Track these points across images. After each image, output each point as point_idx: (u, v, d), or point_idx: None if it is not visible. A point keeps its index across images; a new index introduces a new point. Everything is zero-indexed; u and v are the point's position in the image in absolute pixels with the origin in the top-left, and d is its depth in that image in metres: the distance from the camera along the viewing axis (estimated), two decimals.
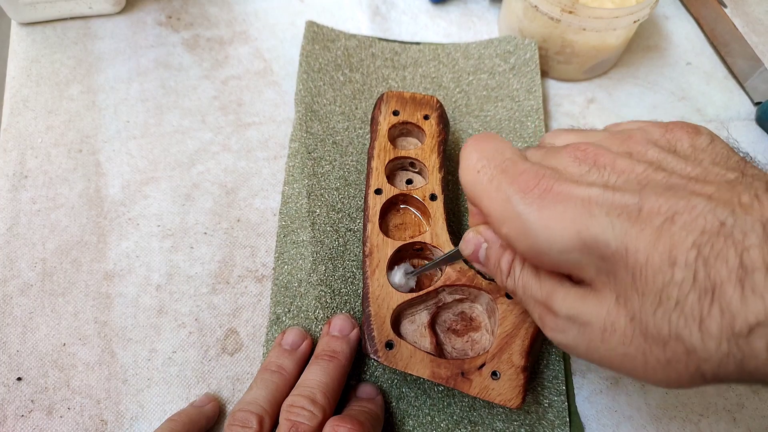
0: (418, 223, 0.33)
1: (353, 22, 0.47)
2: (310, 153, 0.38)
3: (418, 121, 0.36)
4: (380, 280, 0.30)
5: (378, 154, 0.34)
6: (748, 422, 0.32)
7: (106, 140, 0.40)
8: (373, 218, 0.32)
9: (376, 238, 0.31)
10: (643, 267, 0.17)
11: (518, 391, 0.27)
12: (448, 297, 0.31)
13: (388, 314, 0.29)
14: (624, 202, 0.18)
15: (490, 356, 0.28)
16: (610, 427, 0.32)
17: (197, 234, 0.37)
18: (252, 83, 0.43)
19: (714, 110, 0.45)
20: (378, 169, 0.34)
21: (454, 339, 0.30)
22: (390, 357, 0.28)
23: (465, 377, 0.27)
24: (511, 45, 0.43)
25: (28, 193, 0.38)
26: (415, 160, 0.34)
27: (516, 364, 0.28)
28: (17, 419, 0.30)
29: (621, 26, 0.39)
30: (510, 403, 0.27)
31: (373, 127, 0.36)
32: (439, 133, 0.35)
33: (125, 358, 0.32)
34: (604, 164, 0.20)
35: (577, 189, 0.19)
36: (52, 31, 0.45)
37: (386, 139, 0.35)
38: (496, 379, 0.27)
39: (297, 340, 0.31)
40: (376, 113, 0.36)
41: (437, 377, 0.27)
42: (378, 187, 0.33)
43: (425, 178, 0.35)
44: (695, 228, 0.17)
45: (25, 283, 0.34)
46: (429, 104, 0.36)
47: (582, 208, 0.19)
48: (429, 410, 0.31)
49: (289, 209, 0.37)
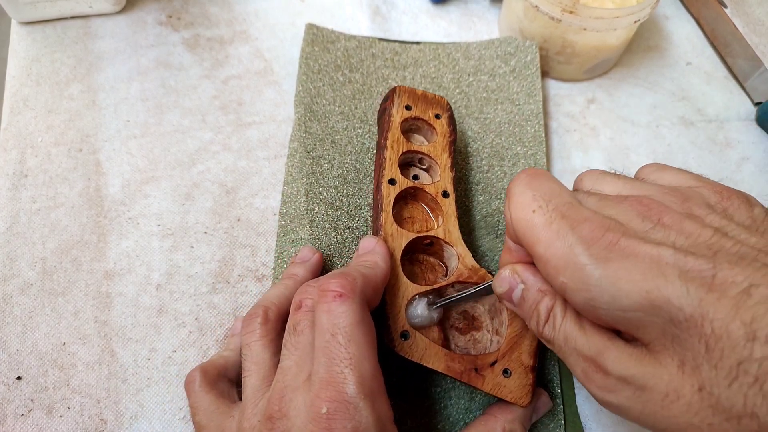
0: (426, 219, 0.33)
1: (353, 22, 0.47)
2: (309, 152, 0.38)
3: (429, 118, 0.36)
4: (395, 270, 0.30)
5: (391, 145, 0.34)
6: None
7: (106, 139, 0.40)
8: (386, 207, 0.31)
9: (390, 228, 0.31)
10: (719, 339, 0.17)
11: (527, 390, 0.27)
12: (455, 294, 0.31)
13: (402, 304, 0.29)
14: (698, 267, 0.17)
15: (501, 354, 0.28)
16: (610, 426, 0.32)
17: (197, 233, 0.37)
18: (252, 83, 0.43)
19: (714, 110, 0.45)
20: (392, 160, 0.33)
21: (457, 336, 0.30)
22: (406, 348, 0.27)
23: (478, 373, 0.27)
24: (512, 47, 0.43)
25: (28, 192, 0.37)
26: (426, 155, 0.34)
27: (525, 364, 0.28)
28: (17, 418, 0.30)
29: (621, 26, 0.39)
30: (520, 402, 0.27)
31: (385, 117, 0.35)
32: (450, 134, 0.35)
33: (125, 357, 0.32)
34: (671, 224, 0.19)
35: (645, 246, 0.18)
36: (53, 30, 0.45)
37: (399, 131, 0.34)
38: (508, 377, 0.27)
39: (308, 254, 0.32)
40: (388, 104, 0.36)
41: (451, 371, 0.27)
42: (392, 177, 0.33)
43: (432, 175, 0.35)
44: None
45: (25, 282, 0.34)
46: (440, 104, 0.37)
47: (653, 266, 0.18)
48: (426, 411, 0.31)
49: (288, 209, 0.37)
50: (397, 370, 0.31)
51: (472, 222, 0.37)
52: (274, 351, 0.27)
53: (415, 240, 0.31)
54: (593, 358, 0.20)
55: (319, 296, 0.24)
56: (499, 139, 0.40)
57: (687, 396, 0.18)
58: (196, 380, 0.27)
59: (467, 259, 0.31)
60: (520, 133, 0.40)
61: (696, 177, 0.23)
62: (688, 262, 0.18)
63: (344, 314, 0.23)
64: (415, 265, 0.32)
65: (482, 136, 0.41)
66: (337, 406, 0.21)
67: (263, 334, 0.27)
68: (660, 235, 0.19)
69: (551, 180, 0.23)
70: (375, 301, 0.26)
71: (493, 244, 0.36)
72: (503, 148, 0.40)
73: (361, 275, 0.25)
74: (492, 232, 0.37)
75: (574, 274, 0.19)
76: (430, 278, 0.32)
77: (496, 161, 0.39)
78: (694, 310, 0.17)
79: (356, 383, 0.21)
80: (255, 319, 0.27)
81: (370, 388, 0.22)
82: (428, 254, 0.33)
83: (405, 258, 0.31)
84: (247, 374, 0.26)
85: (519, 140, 0.40)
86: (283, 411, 0.22)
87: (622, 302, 0.18)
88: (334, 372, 0.22)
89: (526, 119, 0.41)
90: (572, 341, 0.21)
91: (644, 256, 0.18)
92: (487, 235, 0.37)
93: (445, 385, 0.32)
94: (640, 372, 0.19)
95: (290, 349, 0.24)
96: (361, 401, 0.21)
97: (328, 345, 0.22)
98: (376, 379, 0.23)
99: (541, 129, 0.40)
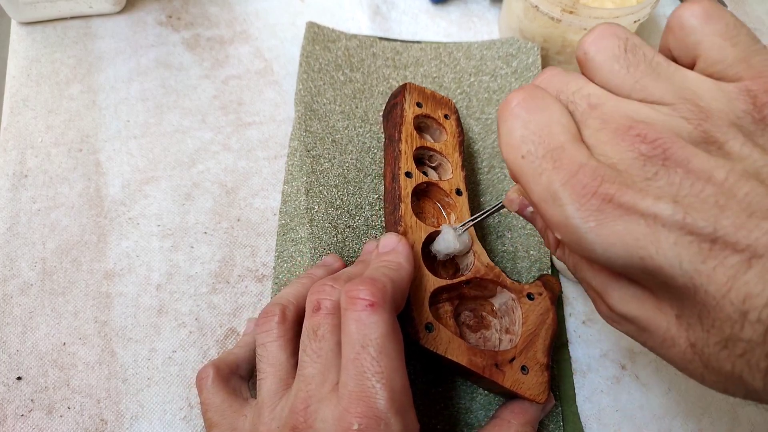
0: (437, 215, 0.33)
1: (353, 22, 0.47)
2: (309, 151, 0.38)
3: (439, 118, 0.36)
4: (417, 262, 0.29)
5: (406, 139, 0.34)
6: (750, 420, 0.32)
7: (106, 140, 0.40)
8: (405, 199, 0.31)
9: (410, 220, 0.31)
10: (711, 311, 0.16)
11: (544, 387, 0.28)
12: (470, 291, 0.31)
13: (425, 297, 0.28)
14: (697, 229, 0.16)
15: (519, 351, 0.28)
16: (611, 426, 0.32)
17: (197, 233, 0.37)
18: (252, 83, 0.43)
19: None
20: (407, 153, 0.33)
21: (468, 333, 0.30)
22: (430, 340, 0.27)
23: (499, 369, 0.27)
24: (514, 48, 0.43)
25: (28, 192, 0.37)
26: (438, 153, 0.34)
27: (540, 362, 0.28)
28: (17, 419, 0.30)
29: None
30: (538, 398, 0.27)
31: (396, 111, 0.35)
32: (459, 134, 0.36)
33: (125, 357, 0.32)
34: (677, 163, 0.17)
35: (643, 202, 0.16)
36: (53, 30, 0.45)
37: (412, 127, 0.35)
38: (526, 374, 0.28)
39: (331, 260, 0.32)
40: (399, 99, 0.35)
41: (474, 365, 0.27)
42: (408, 170, 0.33)
43: (441, 173, 0.35)
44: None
45: (25, 282, 0.34)
46: (448, 105, 0.37)
47: (648, 229, 0.16)
48: (426, 411, 0.31)
49: (288, 208, 0.37)
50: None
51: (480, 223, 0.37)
52: (291, 352, 0.26)
53: (431, 234, 0.31)
54: (598, 291, 0.20)
55: (347, 303, 0.23)
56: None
57: (682, 347, 0.18)
58: (210, 377, 0.26)
59: (483, 256, 0.31)
60: None
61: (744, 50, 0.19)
62: (687, 223, 0.16)
63: (375, 325, 0.22)
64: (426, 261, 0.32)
65: (483, 137, 0.41)
66: (369, 422, 0.20)
67: (280, 334, 0.26)
68: (662, 182, 0.17)
69: (549, 108, 0.19)
70: (402, 304, 0.25)
71: (493, 245, 0.36)
72: None
73: (390, 281, 0.24)
74: (492, 233, 0.37)
75: (567, 233, 0.18)
76: (442, 275, 0.32)
77: (497, 162, 0.39)
78: (687, 281, 0.16)
79: (388, 399, 0.21)
80: (272, 318, 0.26)
81: (401, 403, 0.21)
82: None
83: None
84: (263, 376, 0.25)
85: None
86: (308, 422, 0.21)
87: (617, 262, 0.17)
88: (365, 386, 0.21)
89: None
90: (581, 271, 0.21)
91: (639, 216, 0.16)
92: (487, 236, 0.37)
93: (445, 385, 0.32)
94: (641, 314, 0.19)
95: (311, 355, 0.23)
96: (393, 417, 0.20)
97: (358, 357, 0.21)
98: (406, 393, 0.22)
99: None
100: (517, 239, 0.36)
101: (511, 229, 0.37)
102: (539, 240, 0.36)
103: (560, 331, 0.34)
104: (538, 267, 0.35)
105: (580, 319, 0.35)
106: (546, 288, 0.31)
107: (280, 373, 0.25)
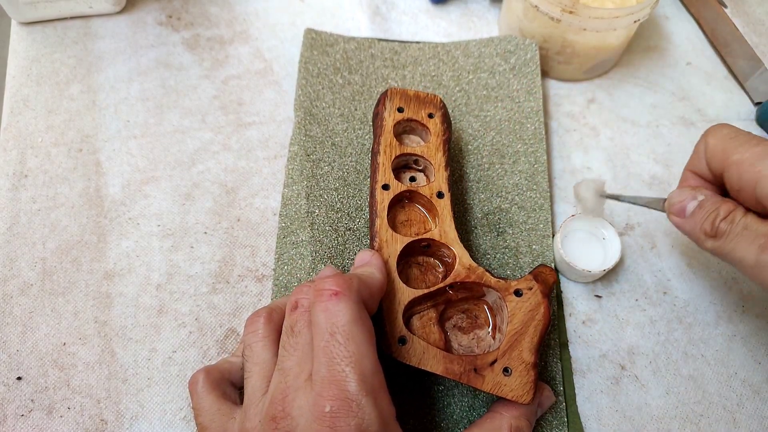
0: (423, 220, 0.33)
1: (353, 22, 0.47)
2: (309, 155, 0.38)
3: (422, 119, 0.36)
4: (391, 275, 0.30)
5: (384, 150, 0.34)
6: (748, 422, 0.32)
7: (106, 139, 0.40)
8: (381, 213, 0.32)
9: (385, 234, 0.31)
10: None
11: (529, 387, 0.27)
12: (456, 294, 0.31)
13: (399, 310, 0.29)
14: None
15: (501, 353, 0.28)
16: (611, 426, 0.32)
17: (197, 233, 0.37)
18: (252, 83, 0.43)
19: (714, 110, 0.45)
20: (385, 165, 0.33)
21: (460, 336, 0.30)
22: (403, 353, 0.28)
23: (478, 373, 0.27)
24: (512, 44, 0.43)
25: (28, 192, 0.37)
26: (420, 157, 0.34)
27: (526, 361, 0.28)
28: (17, 419, 0.30)
29: (621, 26, 0.39)
30: (521, 399, 0.27)
31: (377, 122, 0.35)
32: (443, 132, 0.35)
33: (125, 357, 0.32)
34: None
35: None
36: (53, 30, 0.45)
37: (392, 135, 0.35)
38: (508, 376, 0.27)
39: (327, 272, 0.32)
40: (380, 109, 0.36)
41: (450, 373, 0.27)
42: (385, 182, 0.33)
43: (429, 175, 0.35)
44: None
45: (25, 282, 0.34)
46: (433, 103, 0.36)
47: None
48: (429, 409, 0.31)
49: (288, 211, 0.37)
50: (399, 369, 0.31)
51: (473, 220, 0.37)
52: (275, 351, 0.26)
53: (413, 243, 0.31)
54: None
55: (315, 296, 0.24)
56: (500, 136, 0.40)
57: None
58: (199, 381, 0.27)
59: (464, 258, 0.31)
60: (520, 130, 0.40)
61: None
62: None
63: (341, 312, 0.23)
64: (415, 267, 0.32)
65: (482, 134, 0.41)
66: (340, 404, 0.21)
67: (265, 335, 0.27)
68: None
69: None
70: (372, 307, 0.26)
71: (495, 242, 0.36)
72: (503, 146, 0.40)
73: (357, 277, 0.26)
74: (493, 230, 0.37)
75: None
76: (431, 279, 0.32)
77: (497, 159, 0.39)
78: None
79: (358, 381, 0.21)
80: (258, 319, 0.27)
81: (372, 385, 0.22)
82: (427, 255, 0.33)
83: (404, 261, 0.31)
84: (249, 375, 0.26)
85: (519, 137, 0.40)
86: (286, 411, 0.22)
87: None
88: (336, 371, 0.22)
89: (526, 116, 0.41)
90: (752, 228, 0.26)
91: None
92: (489, 233, 0.37)
93: (447, 383, 0.32)
94: None
95: (289, 350, 0.24)
96: (364, 398, 0.21)
97: (327, 344, 0.22)
98: (377, 376, 0.23)
99: (541, 126, 0.40)
100: (518, 235, 0.36)
101: (512, 225, 0.37)
102: (542, 235, 0.36)
103: (560, 331, 0.34)
104: (541, 261, 0.35)
105: (580, 319, 0.35)
106: (537, 281, 0.30)
107: (264, 371, 0.26)
